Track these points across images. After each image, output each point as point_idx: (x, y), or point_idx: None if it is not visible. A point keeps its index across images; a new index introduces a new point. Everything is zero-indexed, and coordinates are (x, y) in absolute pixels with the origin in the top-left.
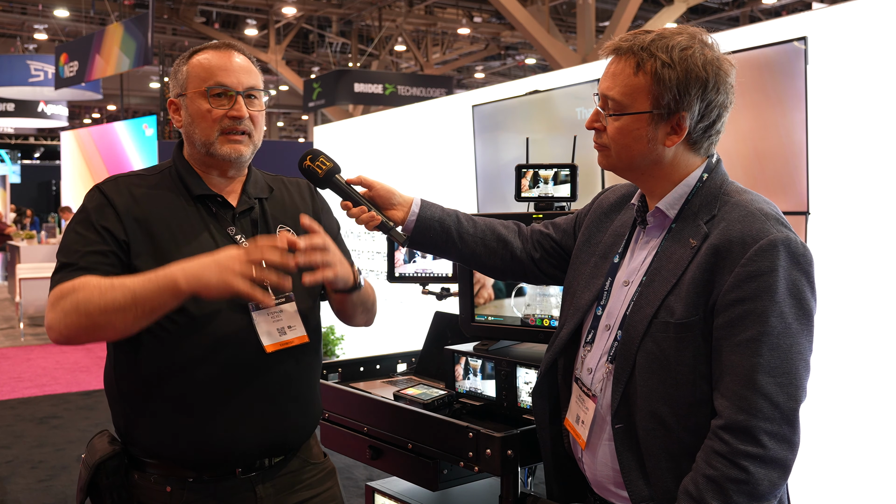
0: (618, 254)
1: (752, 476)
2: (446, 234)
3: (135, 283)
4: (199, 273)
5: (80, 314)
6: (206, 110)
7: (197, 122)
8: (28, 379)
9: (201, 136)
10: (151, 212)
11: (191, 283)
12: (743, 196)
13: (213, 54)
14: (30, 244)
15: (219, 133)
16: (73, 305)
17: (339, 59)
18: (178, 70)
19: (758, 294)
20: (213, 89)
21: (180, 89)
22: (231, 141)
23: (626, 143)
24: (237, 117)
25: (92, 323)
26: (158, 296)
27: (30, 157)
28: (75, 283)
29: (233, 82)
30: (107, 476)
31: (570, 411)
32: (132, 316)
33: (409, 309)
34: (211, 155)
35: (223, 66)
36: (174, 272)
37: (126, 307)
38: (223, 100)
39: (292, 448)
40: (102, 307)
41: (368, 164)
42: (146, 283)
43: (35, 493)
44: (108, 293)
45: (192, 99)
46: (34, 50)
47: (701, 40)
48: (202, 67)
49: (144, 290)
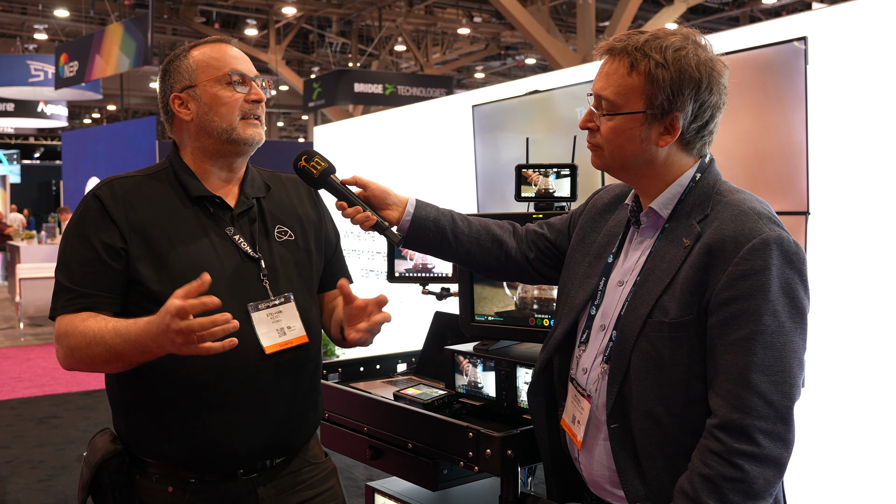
0: (612, 254)
1: (747, 474)
2: (441, 233)
3: (114, 342)
4: (162, 346)
5: (75, 359)
6: (227, 96)
7: (216, 108)
8: (28, 379)
9: (222, 122)
10: (149, 217)
11: (161, 351)
12: (735, 195)
13: (213, 47)
14: (30, 244)
15: (240, 118)
16: (69, 350)
17: (339, 59)
18: (178, 65)
19: (751, 293)
20: (232, 75)
21: (188, 81)
22: (251, 125)
23: (620, 142)
24: (258, 100)
25: (88, 367)
26: (139, 356)
27: (30, 158)
28: (67, 327)
29: (247, 69)
30: (109, 475)
31: (566, 411)
32: (120, 366)
33: (409, 309)
34: (232, 141)
35: (231, 54)
36: (144, 344)
37: (110, 360)
38: (240, 84)
39: (294, 448)
40: (90, 360)
41: (368, 164)
42: (125, 343)
43: (35, 493)
44: (94, 348)
45: (206, 87)
46: (34, 50)
47: (694, 41)
48: (212, 57)
49: (124, 350)
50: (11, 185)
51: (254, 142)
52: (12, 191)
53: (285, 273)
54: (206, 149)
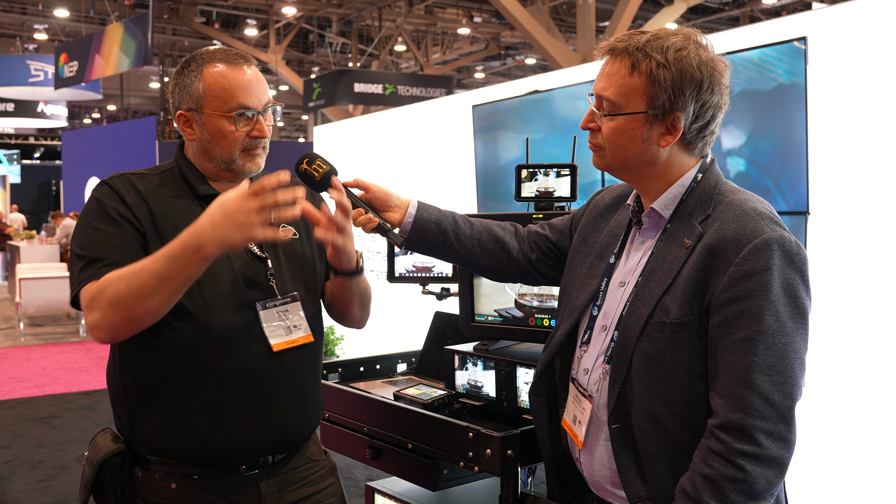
0: (613, 254)
1: (748, 475)
2: (443, 235)
3: (158, 265)
4: (220, 236)
5: (117, 310)
6: (229, 132)
7: (218, 140)
8: (28, 379)
9: (222, 154)
10: (159, 211)
11: (216, 248)
12: (737, 195)
13: (228, 70)
14: (30, 244)
15: (240, 151)
16: (109, 303)
17: (339, 59)
18: (189, 83)
19: (752, 293)
20: (237, 117)
21: (194, 104)
22: (252, 157)
23: (621, 143)
24: (260, 137)
25: (131, 315)
26: (187, 269)
27: (30, 158)
28: (101, 283)
29: (254, 102)
30: (111, 473)
31: (567, 411)
32: (167, 295)
33: (409, 309)
34: (231, 170)
35: (242, 84)
36: (195, 243)
37: (158, 289)
38: (244, 119)
39: (295, 445)
40: (136, 297)
41: (368, 164)
42: (169, 262)
43: (35, 493)
44: (135, 281)
45: (211, 118)
46: (34, 50)
47: (696, 41)
48: (221, 88)
49: (170, 268)
50: (11, 185)
51: (252, 173)
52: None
53: (291, 272)
54: (205, 168)
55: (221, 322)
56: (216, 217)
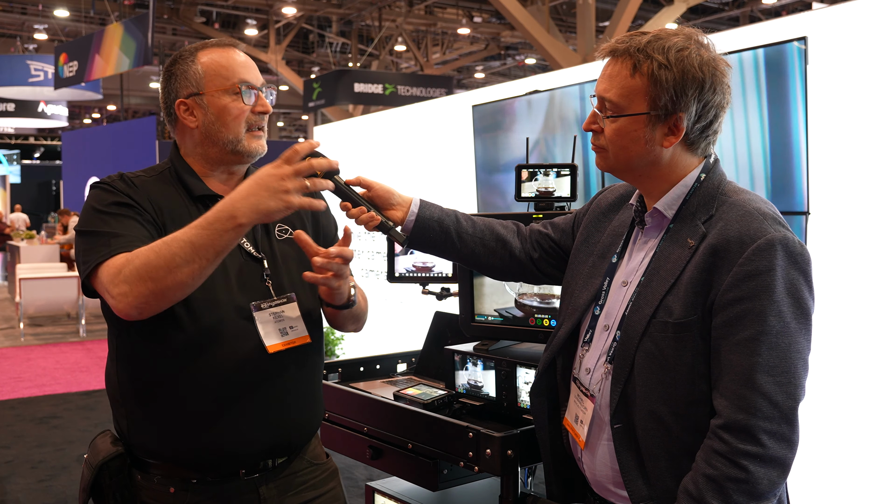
0: (616, 254)
1: (751, 475)
2: (445, 233)
3: (189, 235)
4: (255, 205)
5: (145, 281)
6: (235, 107)
7: (223, 119)
8: (28, 379)
9: (229, 134)
10: (156, 210)
11: (251, 216)
12: (740, 196)
13: (222, 51)
14: (30, 244)
15: (246, 129)
16: (136, 275)
17: (339, 59)
18: (186, 68)
19: (756, 293)
20: (241, 86)
21: (195, 88)
22: (256, 137)
23: (624, 144)
24: (264, 112)
25: (160, 287)
26: (220, 238)
27: (30, 158)
28: (127, 256)
29: (254, 78)
30: (110, 476)
31: (569, 411)
32: (197, 266)
33: (409, 309)
34: (237, 152)
35: (240, 62)
36: (229, 211)
37: (189, 259)
38: (248, 97)
39: (296, 449)
40: (166, 267)
41: (368, 164)
42: (201, 230)
43: (35, 493)
44: (165, 251)
45: (214, 97)
46: (34, 50)
47: (697, 41)
48: (220, 66)
49: (202, 238)
50: (11, 185)
51: (257, 154)
52: (12, 191)
53: (287, 272)
54: (208, 155)
55: (217, 324)
56: (251, 186)
